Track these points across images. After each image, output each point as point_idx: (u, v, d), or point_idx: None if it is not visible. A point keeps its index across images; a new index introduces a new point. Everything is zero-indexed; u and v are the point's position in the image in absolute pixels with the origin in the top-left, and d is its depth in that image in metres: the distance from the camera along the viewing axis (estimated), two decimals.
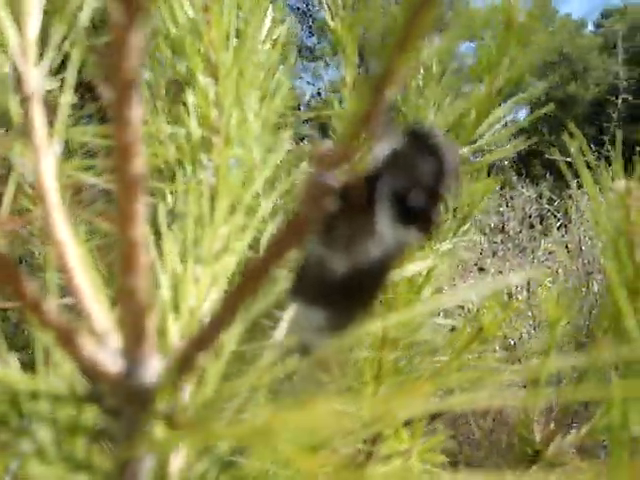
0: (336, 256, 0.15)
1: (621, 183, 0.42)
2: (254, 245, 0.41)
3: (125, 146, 0.16)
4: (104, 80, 0.15)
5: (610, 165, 0.44)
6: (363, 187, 0.15)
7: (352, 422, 0.19)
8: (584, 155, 0.43)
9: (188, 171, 0.43)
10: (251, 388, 0.21)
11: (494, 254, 2.80)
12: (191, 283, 0.34)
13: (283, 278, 0.20)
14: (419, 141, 0.15)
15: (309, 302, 0.15)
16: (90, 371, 0.16)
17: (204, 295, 0.35)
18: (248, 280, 0.17)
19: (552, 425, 0.71)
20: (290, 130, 0.61)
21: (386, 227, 0.15)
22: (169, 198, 0.41)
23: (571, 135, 0.43)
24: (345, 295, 0.15)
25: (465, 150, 0.49)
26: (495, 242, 2.90)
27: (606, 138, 2.68)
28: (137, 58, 0.15)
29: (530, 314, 1.50)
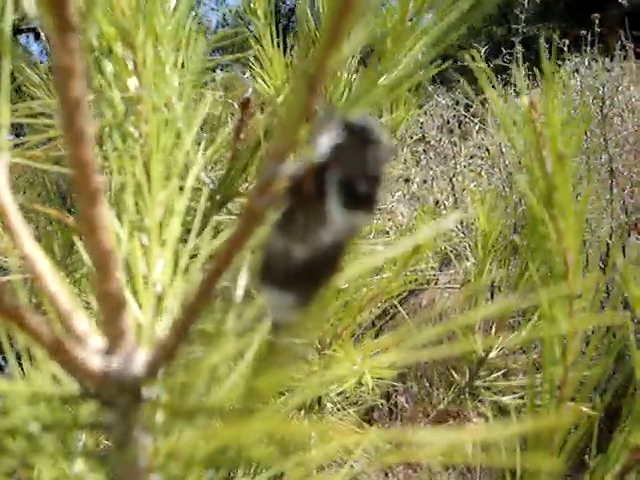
0: (296, 245, 0.17)
1: (525, 98, 0.44)
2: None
3: (82, 162, 0.17)
4: (55, 101, 0.16)
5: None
6: (312, 179, 0.17)
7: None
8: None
9: (117, 142, 0.43)
10: (224, 359, 0.23)
11: (417, 163, 2.85)
12: (140, 254, 0.35)
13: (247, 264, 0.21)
14: (358, 133, 0.17)
15: (278, 287, 0.17)
16: (83, 372, 0.18)
17: (155, 263, 0.36)
18: (214, 270, 0.19)
19: (492, 330, 0.75)
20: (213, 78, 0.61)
21: (337, 214, 0.17)
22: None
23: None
24: (308, 277, 0.17)
25: (386, 79, 0.51)
26: (417, 151, 2.94)
27: (516, 40, 2.72)
28: (83, 78, 0.16)
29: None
